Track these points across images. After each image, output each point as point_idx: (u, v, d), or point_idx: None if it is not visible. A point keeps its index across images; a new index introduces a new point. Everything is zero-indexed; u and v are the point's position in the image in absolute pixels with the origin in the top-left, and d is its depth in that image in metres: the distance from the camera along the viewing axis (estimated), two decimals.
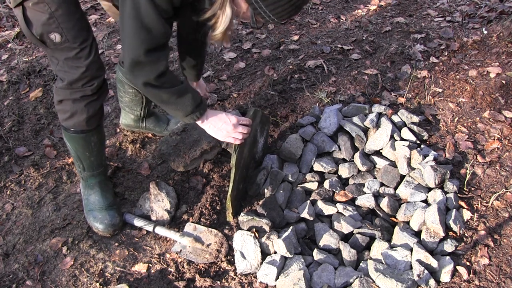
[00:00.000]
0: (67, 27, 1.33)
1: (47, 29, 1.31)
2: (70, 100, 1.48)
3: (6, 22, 3.18)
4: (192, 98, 1.43)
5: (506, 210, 1.75)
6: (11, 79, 2.50)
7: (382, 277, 1.46)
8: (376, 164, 1.93)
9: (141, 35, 1.23)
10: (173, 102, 1.41)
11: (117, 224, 1.69)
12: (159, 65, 1.31)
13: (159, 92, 1.37)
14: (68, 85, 1.44)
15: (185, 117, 1.46)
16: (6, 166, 2.01)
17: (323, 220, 1.76)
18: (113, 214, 1.69)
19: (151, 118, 2.08)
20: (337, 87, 2.46)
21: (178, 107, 1.43)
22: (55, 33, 1.32)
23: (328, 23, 3.24)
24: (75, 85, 1.44)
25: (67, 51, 1.37)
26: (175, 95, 1.40)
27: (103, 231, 1.68)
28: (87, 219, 1.72)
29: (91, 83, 1.45)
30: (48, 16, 1.29)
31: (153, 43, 1.26)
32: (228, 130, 1.52)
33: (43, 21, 1.29)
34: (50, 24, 1.30)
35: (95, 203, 1.71)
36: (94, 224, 1.69)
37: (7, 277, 1.58)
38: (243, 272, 1.57)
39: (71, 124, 1.55)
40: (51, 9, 1.28)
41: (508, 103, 2.24)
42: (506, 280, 1.52)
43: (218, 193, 1.82)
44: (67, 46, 1.35)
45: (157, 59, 1.29)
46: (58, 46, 1.35)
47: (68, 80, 1.42)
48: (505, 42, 2.62)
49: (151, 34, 1.24)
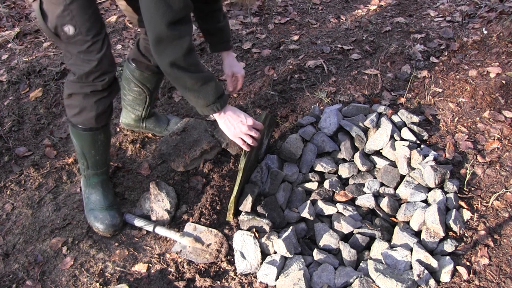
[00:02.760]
0: (81, 20, 1.34)
1: (61, 22, 1.33)
2: (81, 94, 1.49)
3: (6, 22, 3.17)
4: (215, 88, 1.42)
5: (506, 210, 1.75)
6: (11, 79, 2.50)
7: (382, 277, 1.46)
8: (376, 164, 1.93)
9: (160, 9, 1.22)
10: (196, 90, 1.40)
11: (117, 225, 1.69)
12: (184, 40, 1.29)
13: (184, 76, 1.36)
14: (79, 79, 1.45)
15: (205, 107, 1.45)
16: (6, 166, 2.00)
17: (323, 220, 1.76)
18: (113, 215, 1.69)
19: (151, 118, 2.08)
20: (337, 87, 2.46)
21: (201, 95, 1.41)
22: (68, 26, 1.33)
23: (328, 23, 3.24)
24: (86, 79, 1.45)
25: (80, 44, 1.38)
26: (200, 82, 1.38)
27: (103, 231, 1.68)
28: (88, 218, 1.72)
29: (102, 78, 1.45)
30: (62, 8, 1.31)
31: (174, 16, 1.24)
32: (242, 130, 1.51)
33: (58, 13, 1.31)
34: (64, 16, 1.32)
35: (96, 202, 1.72)
36: (95, 224, 1.69)
37: (7, 277, 1.58)
38: (243, 272, 1.57)
39: (79, 121, 1.56)
40: (66, 1, 1.30)
41: (508, 103, 2.24)
42: (506, 280, 1.52)
43: (218, 193, 1.82)
44: (80, 39, 1.36)
45: (180, 33, 1.27)
46: (71, 39, 1.36)
47: (80, 73, 1.43)
48: (505, 42, 2.62)
49: (171, 6, 1.23)
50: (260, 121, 1.62)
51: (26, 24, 3.09)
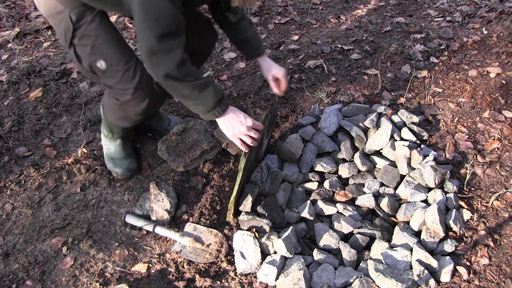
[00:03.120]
0: (110, 53, 1.43)
1: (93, 59, 1.43)
2: (121, 116, 1.67)
3: (6, 22, 3.17)
4: (214, 93, 1.42)
5: (506, 210, 1.75)
6: (11, 79, 2.50)
7: (382, 277, 1.46)
8: (376, 164, 1.93)
9: (150, 22, 1.24)
10: (195, 97, 1.41)
11: (134, 169, 1.89)
12: (175, 53, 1.30)
13: (180, 86, 1.37)
14: (121, 105, 1.55)
15: (207, 113, 1.46)
16: (6, 166, 2.00)
17: (323, 220, 1.76)
18: (130, 161, 1.87)
19: (151, 118, 2.08)
20: (337, 87, 2.46)
21: (200, 102, 1.42)
22: (100, 61, 1.43)
23: (328, 23, 3.24)
24: (128, 105, 1.55)
25: (114, 76, 1.46)
26: (197, 89, 1.39)
27: (122, 175, 1.86)
28: (107, 165, 1.89)
29: (141, 104, 1.54)
30: (91, 46, 1.41)
31: (164, 30, 1.26)
32: (240, 130, 1.51)
33: (88, 52, 1.43)
34: (94, 53, 1.42)
35: (116, 152, 1.87)
36: (114, 169, 1.86)
37: (7, 277, 1.58)
38: (243, 272, 1.57)
39: (114, 124, 1.76)
40: (92, 39, 1.40)
41: (508, 103, 2.24)
42: (506, 280, 1.52)
43: (218, 193, 1.82)
44: (113, 70, 1.45)
45: (170, 46, 1.29)
46: (106, 73, 1.46)
47: (121, 100, 1.53)
48: (505, 42, 2.62)
49: (160, 19, 1.24)
50: (260, 121, 1.62)
51: (26, 24, 3.09)
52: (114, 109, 1.64)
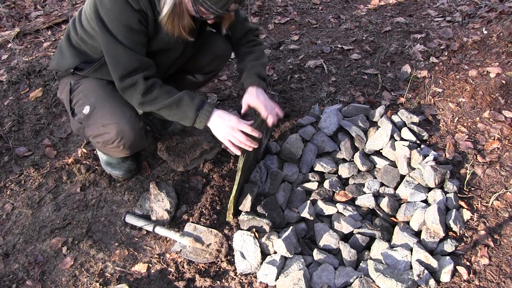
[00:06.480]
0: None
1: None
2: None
3: (6, 22, 3.17)
4: (190, 102, 1.46)
5: (506, 210, 1.75)
6: (11, 79, 2.50)
7: (382, 277, 1.46)
8: (376, 164, 1.93)
9: (112, 65, 1.44)
10: (175, 113, 1.48)
11: (134, 169, 1.89)
12: (138, 85, 1.44)
13: (157, 107, 1.47)
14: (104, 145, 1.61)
15: (193, 123, 1.49)
16: (6, 166, 2.00)
17: (323, 220, 1.76)
18: (129, 163, 1.85)
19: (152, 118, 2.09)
20: (337, 87, 2.46)
21: (182, 115, 1.48)
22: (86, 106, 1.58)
23: (328, 23, 3.24)
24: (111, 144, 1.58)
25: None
26: (174, 105, 1.46)
27: (122, 176, 1.86)
28: (105, 169, 1.88)
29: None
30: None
31: (125, 70, 1.42)
32: (226, 131, 1.49)
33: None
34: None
35: (112, 158, 1.82)
36: (113, 172, 1.86)
37: (7, 277, 1.58)
38: (243, 272, 1.57)
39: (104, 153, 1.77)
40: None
41: (508, 103, 2.24)
42: (506, 280, 1.52)
43: (218, 193, 1.82)
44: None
45: (131, 81, 1.43)
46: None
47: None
48: (505, 42, 2.62)
49: (119, 63, 1.42)
50: (258, 121, 1.61)
51: (26, 24, 3.09)
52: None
